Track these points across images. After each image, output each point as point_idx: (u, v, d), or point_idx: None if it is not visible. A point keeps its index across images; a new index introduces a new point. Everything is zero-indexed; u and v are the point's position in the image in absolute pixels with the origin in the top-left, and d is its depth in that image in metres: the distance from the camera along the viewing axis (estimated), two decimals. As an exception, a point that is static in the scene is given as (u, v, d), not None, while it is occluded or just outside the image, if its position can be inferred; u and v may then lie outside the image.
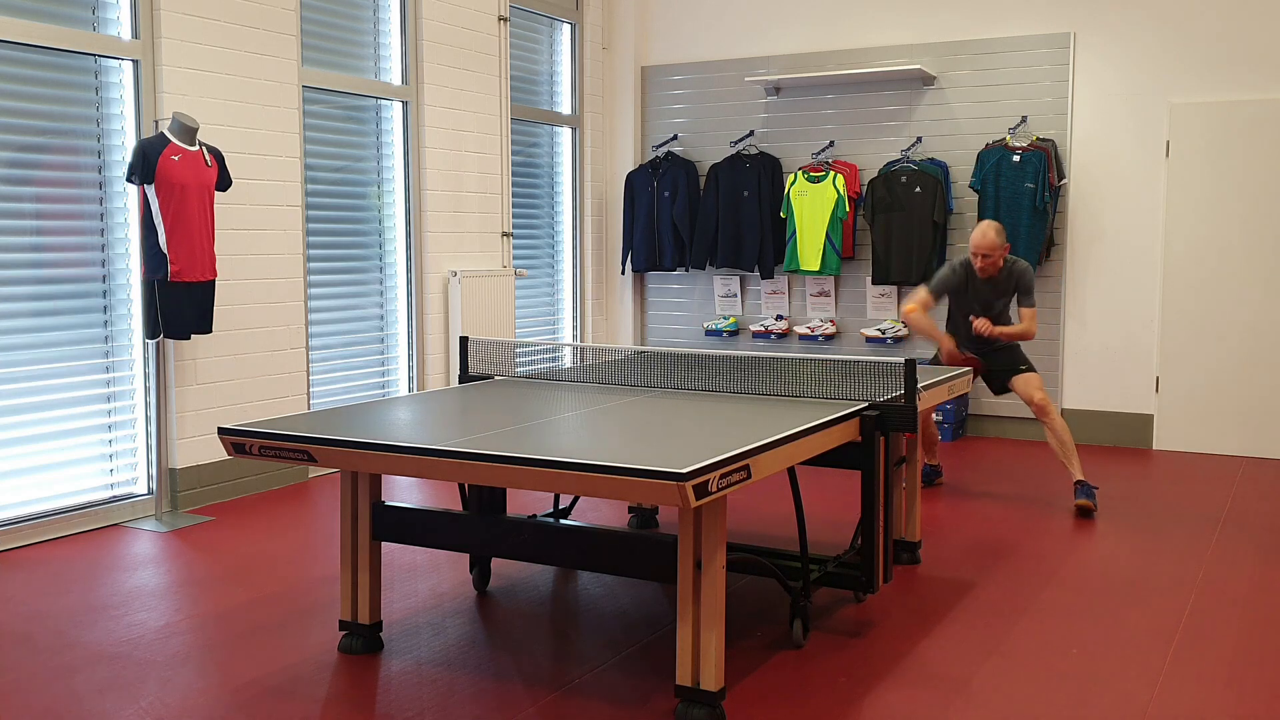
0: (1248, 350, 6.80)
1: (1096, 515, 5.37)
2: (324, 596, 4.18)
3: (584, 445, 3.06)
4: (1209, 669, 3.48)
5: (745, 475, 2.92)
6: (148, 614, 3.98)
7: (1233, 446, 6.87)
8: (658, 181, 8.13)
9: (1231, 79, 6.78)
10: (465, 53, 7.08)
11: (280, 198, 5.90)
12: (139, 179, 5.01)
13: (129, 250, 5.30)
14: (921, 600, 4.14)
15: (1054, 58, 7.17)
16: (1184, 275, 6.93)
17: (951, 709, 3.18)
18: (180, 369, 5.44)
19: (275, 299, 5.89)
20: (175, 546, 4.87)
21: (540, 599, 4.15)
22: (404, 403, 3.90)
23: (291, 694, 3.28)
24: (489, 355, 4.60)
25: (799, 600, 3.67)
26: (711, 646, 3.02)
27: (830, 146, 7.81)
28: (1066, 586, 4.29)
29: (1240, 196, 6.78)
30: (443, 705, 3.20)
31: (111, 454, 5.30)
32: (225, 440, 3.33)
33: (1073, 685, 3.35)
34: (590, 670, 3.45)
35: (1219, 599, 4.14)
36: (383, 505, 3.62)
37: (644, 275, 8.54)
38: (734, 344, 8.22)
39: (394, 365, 6.82)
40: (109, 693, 3.29)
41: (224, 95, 5.58)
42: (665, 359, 5.03)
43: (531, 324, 8.02)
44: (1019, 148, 7.08)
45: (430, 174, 6.85)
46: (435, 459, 2.99)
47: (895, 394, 3.86)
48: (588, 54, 8.27)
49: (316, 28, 6.19)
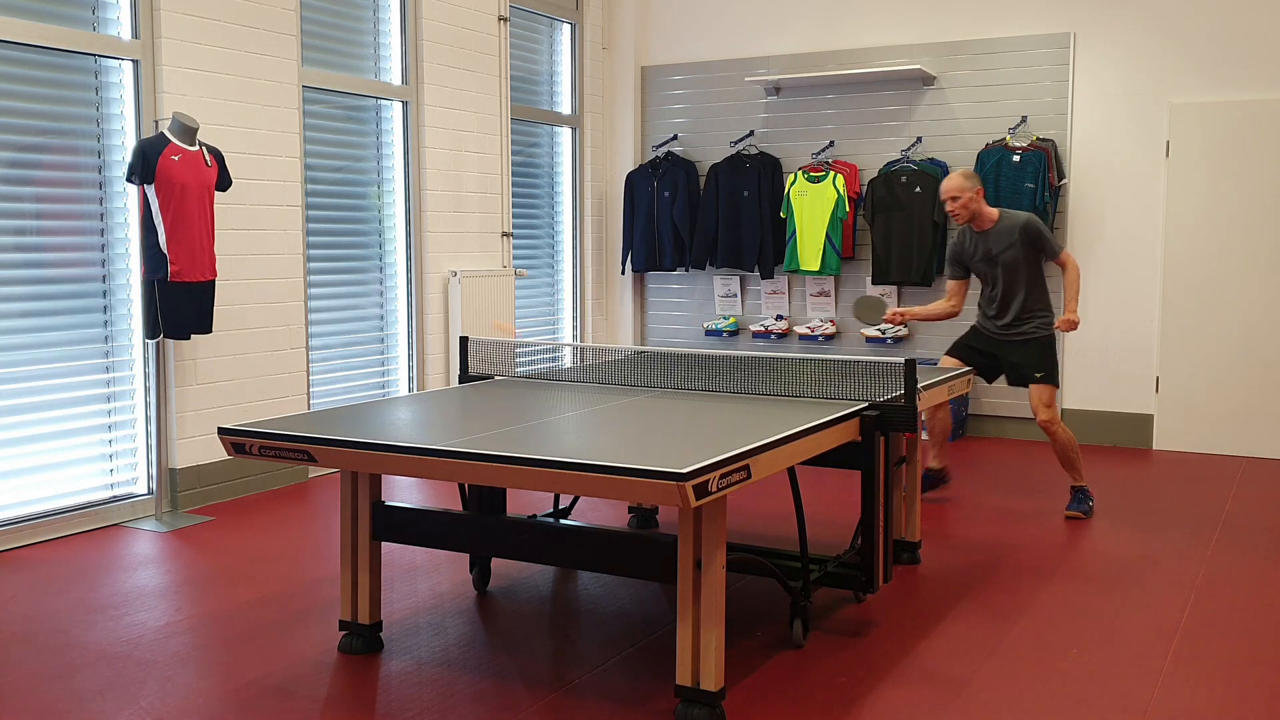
0: (1248, 350, 6.80)
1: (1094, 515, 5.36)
2: (324, 596, 4.18)
3: (584, 445, 3.06)
4: (1209, 669, 3.48)
5: (745, 475, 2.92)
6: (148, 614, 3.98)
7: (1233, 446, 6.87)
8: (658, 181, 8.13)
9: (1231, 79, 6.78)
10: (465, 53, 7.08)
11: (280, 198, 5.90)
12: (139, 179, 5.01)
13: (129, 250, 5.30)
14: (921, 600, 4.14)
15: (1054, 58, 7.16)
16: (1184, 275, 6.93)
17: (951, 709, 3.18)
18: (180, 369, 5.44)
19: (275, 299, 5.89)
20: (175, 546, 4.87)
21: (540, 599, 4.15)
22: (404, 403, 3.90)
23: (291, 694, 3.28)
24: (489, 355, 4.60)
25: (799, 600, 3.67)
26: (711, 646, 3.02)
27: (830, 146, 7.81)
28: (1066, 587, 4.29)
29: (1240, 196, 6.77)
30: (443, 705, 3.20)
31: (111, 454, 5.30)
32: (225, 440, 3.33)
33: (1073, 685, 3.35)
34: (590, 670, 3.45)
35: (1219, 599, 4.14)
36: (383, 505, 3.62)
37: (644, 275, 8.54)
38: (734, 344, 8.22)
39: (394, 365, 6.82)
40: (109, 693, 3.29)
41: (224, 95, 5.58)
42: (665, 359, 5.03)
43: (531, 324, 8.02)
44: (1019, 148, 7.08)
45: (430, 174, 6.85)
46: (435, 459, 2.99)
47: (895, 394, 3.86)
48: (588, 54, 8.27)
49: (316, 28, 6.19)
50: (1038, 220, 5.32)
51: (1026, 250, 5.29)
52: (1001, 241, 5.31)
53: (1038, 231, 5.27)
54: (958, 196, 5.26)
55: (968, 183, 5.26)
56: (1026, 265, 5.32)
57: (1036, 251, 5.32)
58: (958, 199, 5.26)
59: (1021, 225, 5.28)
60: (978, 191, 5.29)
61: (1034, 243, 5.29)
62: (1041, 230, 5.28)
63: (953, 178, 5.30)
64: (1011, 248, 5.29)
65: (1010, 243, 5.29)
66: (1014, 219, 5.31)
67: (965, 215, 5.30)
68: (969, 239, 5.42)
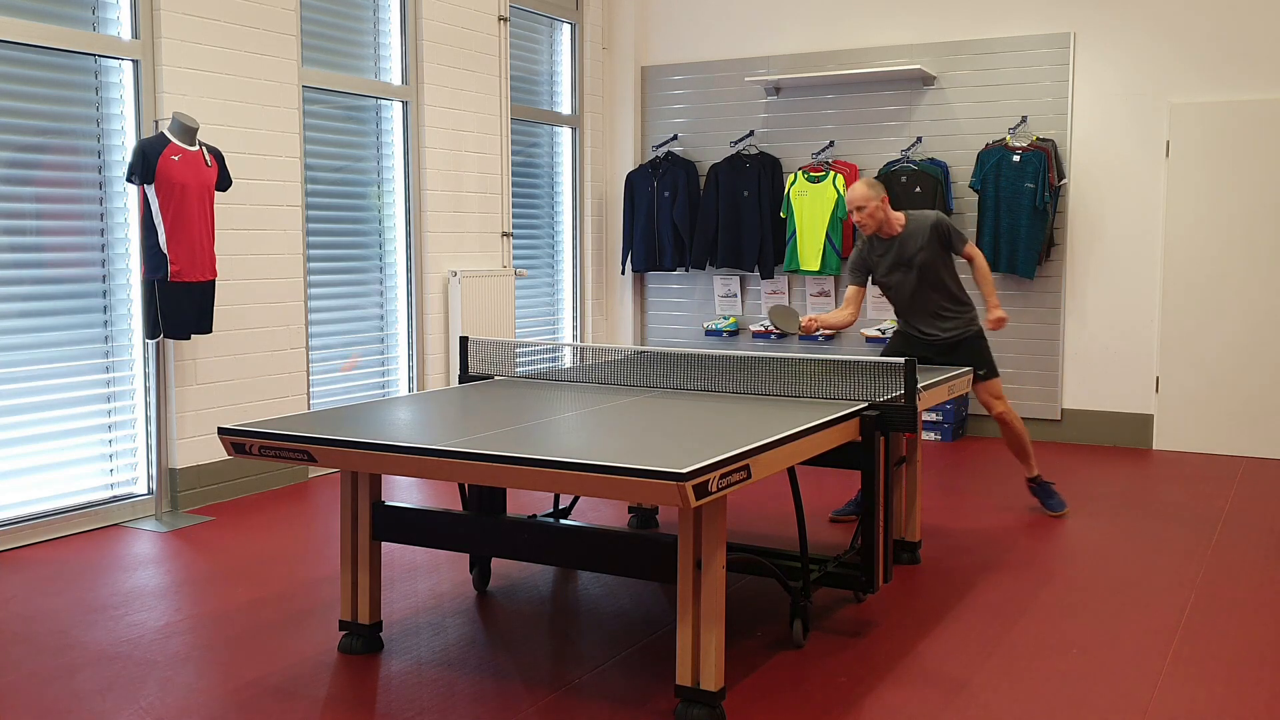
0: (1248, 350, 6.80)
1: (1094, 515, 5.36)
2: (324, 596, 4.18)
3: (584, 445, 3.06)
4: (1209, 669, 3.48)
5: (745, 475, 2.92)
6: (148, 614, 3.98)
7: (1233, 446, 6.87)
8: (658, 181, 8.13)
9: (1231, 79, 6.78)
10: (465, 53, 7.08)
11: (280, 198, 5.90)
12: (139, 179, 5.01)
13: (129, 250, 5.30)
14: (921, 600, 4.14)
15: (1054, 58, 7.16)
16: (1184, 275, 6.93)
17: (951, 709, 3.18)
18: (180, 369, 5.44)
19: (275, 299, 5.89)
20: (175, 546, 4.87)
21: (540, 599, 4.15)
22: (404, 403, 3.90)
23: (291, 694, 3.28)
24: (489, 355, 4.60)
25: (799, 600, 3.67)
26: (711, 646, 3.02)
27: (830, 146, 7.81)
28: (1066, 586, 4.29)
29: (1240, 196, 6.77)
30: (443, 705, 3.20)
31: (111, 454, 5.30)
32: (225, 440, 3.33)
33: (1073, 685, 3.35)
34: (590, 670, 3.45)
35: (1219, 599, 4.14)
36: (383, 505, 3.62)
37: (644, 275, 8.54)
38: (734, 344, 8.22)
39: (394, 365, 6.82)
40: (109, 693, 3.29)
41: (224, 95, 5.58)
42: (665, 359, 5.03)
43: (531, 324, 8.02)
44: (1019, 148, 7.08)
45: (430, 174, 6.85)
46: (435, 459, 2.99)
47: (895, 394, 3.86)
48: (588, 54, 8.27)
49: (316, 28, 6.19)
50: (945, 216, 5.24)
51: (939, 248, 5.17)
52: (913, 243, 5.16)
53: (948, 227, 5.16)
54: (863, 206, 5.08)
55: (873, 191, 5.09)
56: (942, 263, 5.21)
57: (947, 249, 5.20)
58: (863, 208, 5.08)
59: (932, 224, 5.14)
60: (883, 200, 5.13)
61: (944, 239, 5.16)
62: (950, 225, 5.17)
63: (857, 188, 5.11)
64: (925, 248, 5.15)
65: (922, 244, 5.14)
66: (923, 219, 5.17)
67: (873, 225, 5.13)
68: (875, 246, 5.25)
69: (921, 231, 5.13)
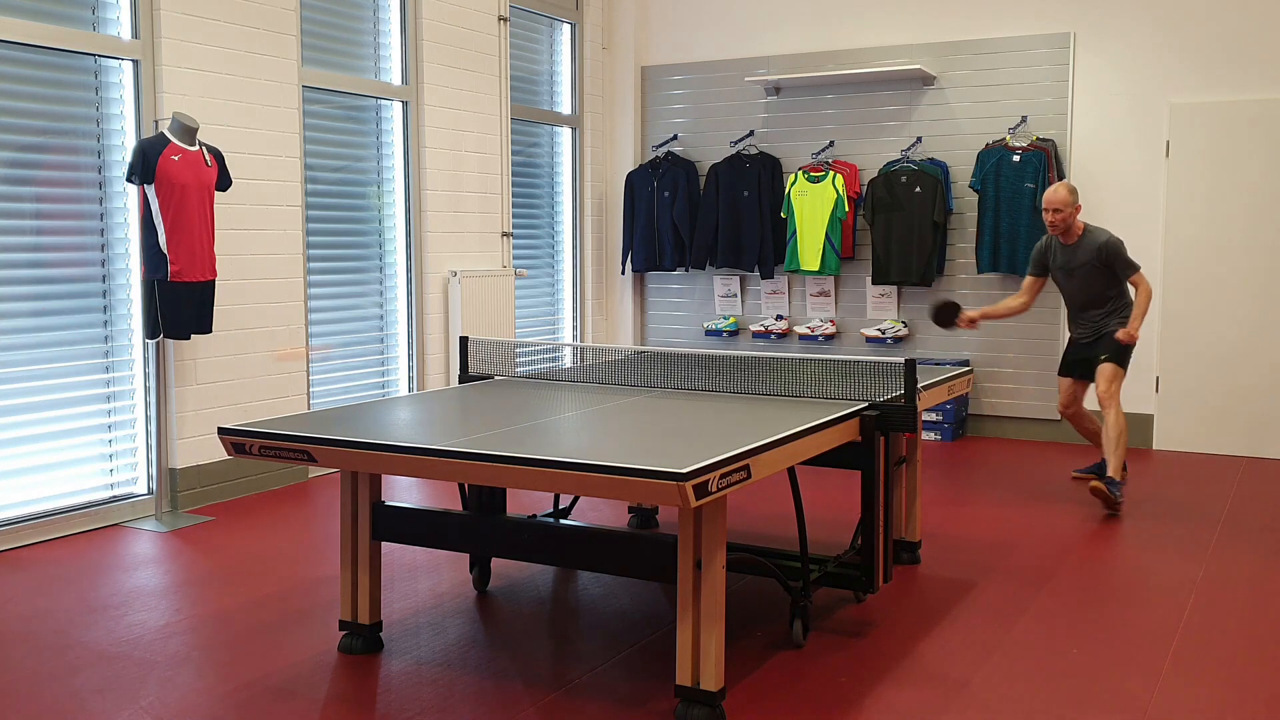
0: (1247, 351, 6.80)
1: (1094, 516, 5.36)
2: (324, 596, 4.18)
3: (584, 445, 3.06)
4: (1209, 669, 3.48)
5: (745, 475, 2.92)
6: (148, 614, 3.98)
7: (1233, 446, 6.87)
8: (658, 181, 8.13)
9: (1231, 79, 6.78)
10: (465, 53, 7.08)
11: (280, 198, 5.90)
12: (139, 179, 5.01)
13: (129, 250, 5.30)
14: (921, 600, 4.14)
15: (1054, 58, 7.16)
16: (1184, 275, 6.93)
17: (951, 709, 3.18)
18: (180, 369, 5.44)
19: (275, 299, 5.89)
20: (175, 546, 4.87)
21: (540, 599, 4.15)
22: (404, 403, 3.90)
23: (291, 694, 3.28)
24: (489, 355, 4.60)
25: (799, 600, 3.67)
26: (711, 646, 3.02)
27: (830, 146, 7.81)
28: (1066, 586, 4.29)
29: (1240, 196, 6.77)
30: (443, 705, 3.20)
31: (111, 454, 5.30)
32: (225, 440, 3.33)
33: (1073, 685, 3.35)
34: (590, 670, 3.45)
35: (1219, 599, 4.14)
36: (383, 505, 3.62)
37: (644, 275, 8.54)
38: (734, 344, 8.22)
39: (394, 365, 6.82)
40: (109, 693, 3.29)
41: (224, 95, 5.58)
42: (665, 359, 5.03)
43: (531, 324, 8.02)
44: (1019, 148, 7.08)
45: (430, 174, 6.85)
46: (435, 459, 2.99)
47: (895, 394, 3.86)
48: (588, 54, 8.27)
49: (316, 28, 6.19)
50: (1117, 241, 5.56)
51: (1098, 265, 5.56)
52: (1081, 255, 5.58)
53: (1114, 252, 5.53)
54: (1060, 209, 5.50)
55: (1072, 198, 5.50)
56: (1101, 280, 5.60)
57: (1111, 269, 5.57)
58: (1060, 211, 5.50)
59: (1100, 244, 5.53)
60: (1077, 208, 5.54)
61: (1109, 262, 5.54)
62: (1117, 251, 5.53)
63: (1060, 191, 5.49)
64: (1087, 263, 5.57)
65: (1086, 259, 5.56)
66: (1095, 236, 5.57)
67: (1061, 227, 5.54)
68: (1054, 246, 5.68)
69: (1090, 247, 5.56)
